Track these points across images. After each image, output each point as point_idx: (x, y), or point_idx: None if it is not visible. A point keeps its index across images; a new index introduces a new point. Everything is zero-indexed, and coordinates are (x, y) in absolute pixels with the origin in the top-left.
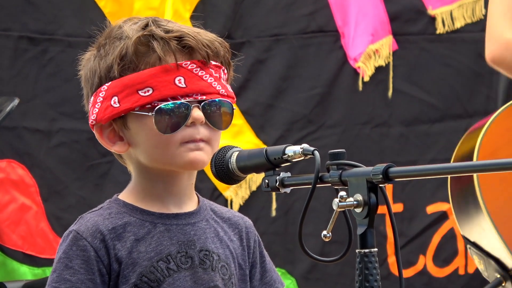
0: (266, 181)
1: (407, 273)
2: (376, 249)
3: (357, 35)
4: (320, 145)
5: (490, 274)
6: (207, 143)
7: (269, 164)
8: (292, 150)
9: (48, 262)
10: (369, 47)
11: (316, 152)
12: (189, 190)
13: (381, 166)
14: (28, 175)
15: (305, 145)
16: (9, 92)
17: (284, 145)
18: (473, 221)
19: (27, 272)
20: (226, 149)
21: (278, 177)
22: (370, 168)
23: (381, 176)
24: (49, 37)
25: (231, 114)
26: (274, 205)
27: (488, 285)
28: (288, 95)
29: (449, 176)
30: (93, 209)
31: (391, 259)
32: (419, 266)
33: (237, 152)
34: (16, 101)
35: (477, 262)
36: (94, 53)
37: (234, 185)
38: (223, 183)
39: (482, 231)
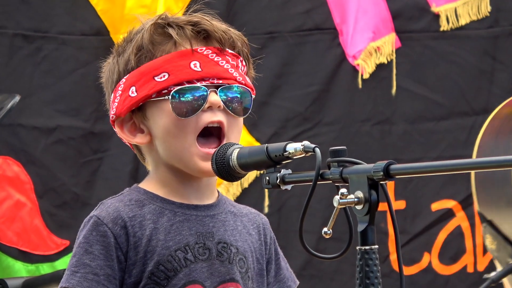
0: (267, 178)
1: (411, 270)
2: (376, 246)
3: (356, 32)
4: (317, 142)
5: (502, 256)
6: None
7: (270, 161)
8: (293, 147)
9: (41, 259)
10: (370, 45)
11: (317, 150)
12: (210, 185)
13: (382, 163)
14: (23, 172)
15: (306, 142)
16: (5, 89)
17: (285, 142)
18: (499, 204)
19: (22, 269)
20: (227, 146)
21: (279, 174)
22: (371, 165)
23: (382, 173)
24: (42, 35)
25: (250, 102)
26: (266, 202)
27: (501, 270)
28: (282, 92)
29: None
30: (114, 196)
31: (393, 257)
32: (423, 264)
33: (238, 149)
34: (17, 98)
35: (489, 242)
36: (113, 55)
37: (225, 182)
38: (224, 180)
39: (508, 217)
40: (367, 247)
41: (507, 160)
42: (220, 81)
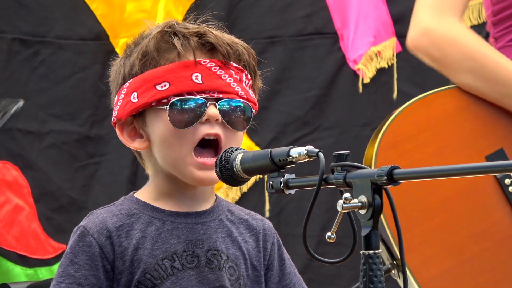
0: (271, 182)
1: None
2: (380, 251)
3: (357, 37)
4: (316, 147)
5: (384, 259)
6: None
7: (274, 165)
8: (297, 151)
9: (39, 263)
10: (371, 49)
11: (321, 154)
12: (206, 192)
13: (385, 168)
14: (21, 176)
15: (309, 147)
16: (2, 94)
17: (288, 147)
18: None
19: (21, 273)
20: (230, 151)
21: (282, 178)
22: (375, 169)
23: (385, 177)
24: (40, 39)
25: (249, 117)
26: (267, 206)
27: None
28: (282, 97)
29: None
30: (105, 206)
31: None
32: None
33: (242, 154)
34: (21, 103)
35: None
36: (122, 56)
37: (225, 186)
38: (228, 184)
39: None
40: (370, 252)
41: None
42: (221, 95)
